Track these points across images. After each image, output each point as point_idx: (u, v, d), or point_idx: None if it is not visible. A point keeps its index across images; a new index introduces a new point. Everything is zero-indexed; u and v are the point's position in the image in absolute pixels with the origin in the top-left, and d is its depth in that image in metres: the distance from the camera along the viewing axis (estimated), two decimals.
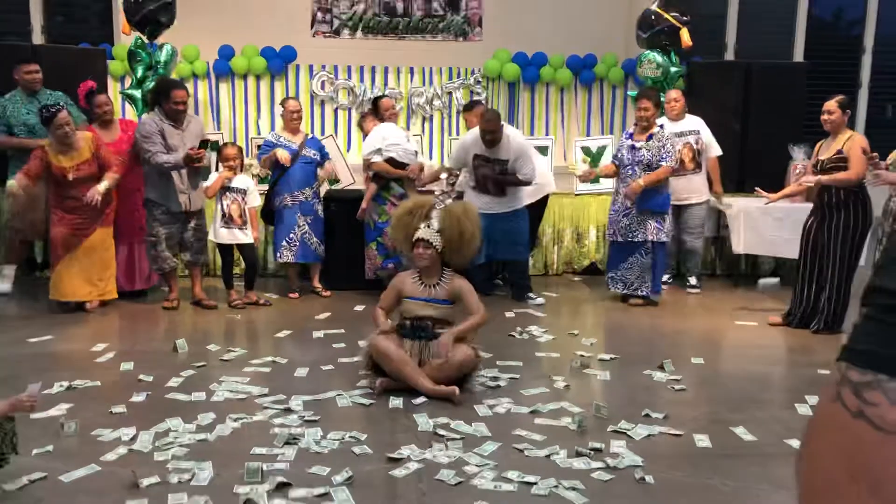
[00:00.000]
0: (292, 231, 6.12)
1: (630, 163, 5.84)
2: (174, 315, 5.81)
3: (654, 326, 5.52)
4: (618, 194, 5.97)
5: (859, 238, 5.25)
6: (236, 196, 5.78)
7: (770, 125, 7.00)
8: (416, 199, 4.43)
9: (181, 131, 5.75)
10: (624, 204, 5.86)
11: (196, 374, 4.29)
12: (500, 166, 5.93)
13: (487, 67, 8.32)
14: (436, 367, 3.98)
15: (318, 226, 6.22)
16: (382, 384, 3.96)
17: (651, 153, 5.80)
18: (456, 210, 4.18)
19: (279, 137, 6.16)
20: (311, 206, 6.14)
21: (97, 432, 3.49)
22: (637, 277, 5.91)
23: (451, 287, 4.16)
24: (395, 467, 3.16)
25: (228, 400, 3.89)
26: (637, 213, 5.83)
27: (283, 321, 5.46)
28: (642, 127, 5.89)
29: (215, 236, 5.86)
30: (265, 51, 8.22)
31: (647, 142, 5.82)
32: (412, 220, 4.20)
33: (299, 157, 6.07)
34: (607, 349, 4.81)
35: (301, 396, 3.91)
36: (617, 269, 5.97)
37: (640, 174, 5.82)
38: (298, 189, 6.07)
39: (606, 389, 4.15)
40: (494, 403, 3.85)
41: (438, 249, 4.11)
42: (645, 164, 5.81)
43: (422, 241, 4.11)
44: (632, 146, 5.86)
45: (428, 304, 4.14)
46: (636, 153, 5.82)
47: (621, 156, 5.91)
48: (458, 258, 4.19)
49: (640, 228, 5.83)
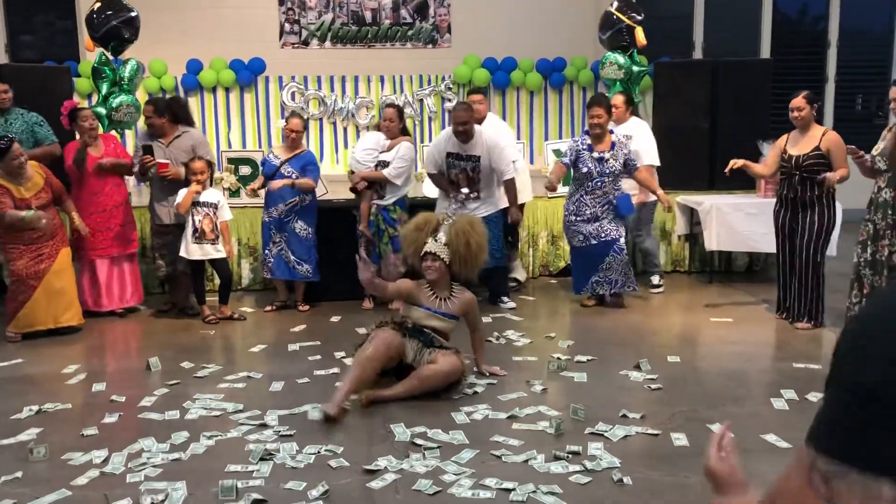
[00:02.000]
0: (267, 247, 6.07)
1: (599, 175, 5.74)
2: (148, 333, 5.73)
3: (630, 326, 5.50)
4: (581, 204, 5.81)
5: (828, 233, 5.29)
6: (207, 211, 5.68)
7: (738, 122, 7.04)
8: (423, 216, 4.48)
9: (164, 145, 5.92)
10: (595, 212, 5.76)
11: (169, 392, 4.23)
12: (474, 163, 5.84)
13: (458, 73, 8.33)
14: (424, 376, 3.98)
15: (297, 243, 6.01)
16: (368, 397, 3.93)
17: (619, 161, 5.74)
18: (462, 223, 4.29)
19: (271, 153, 6.13)
20: (285, 224, 5.98)
21: (67, 456, 3.43)
22: (621, 274, 5.85)
23: (461, 302, 4.25)
24: (371, 479, 3.13)
25: (203, 417, 3.83)
26: (605, 217, 5.75)
27: (259, 335, 5.41)
28: (597, 135, 5.78)
29: (186, 252, 5.72)
30: (234, 63, 8.18)
31: (612, 151, 5.75)
32: (420, 236, 4.30)
33: (276, 174, 5.97)
34: (584, 351, 4.79)
35: (276, 411, 3.86)
36: (597, 272, 5.88)
37: (609, 184, 5.77)
38: (273, 205, 5.99)
39: (584, 391, 4.13)
40: (472, 410, 3.83)
41: (446, 262, 4.21)
42: (615, 173, 5.76)
43: (430, 254, 4.21)
44: (599, 158, 5.75)
45: (435, 316, 4.20)
46: (605, 165, 5.72)
47: (588, 170, 5.75)
48: (465, 270, 4.27)
49: (612, 227, 5.80)
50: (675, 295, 6.56)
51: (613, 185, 5.82)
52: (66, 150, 6.03)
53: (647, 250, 6.71)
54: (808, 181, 5.20)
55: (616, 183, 5.85)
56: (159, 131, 5.94)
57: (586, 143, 5.84)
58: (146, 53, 7.38)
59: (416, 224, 4.37)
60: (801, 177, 5.25)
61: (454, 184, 5.97)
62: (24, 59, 8.40)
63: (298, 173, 6.03)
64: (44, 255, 5.47)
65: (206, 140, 6.18)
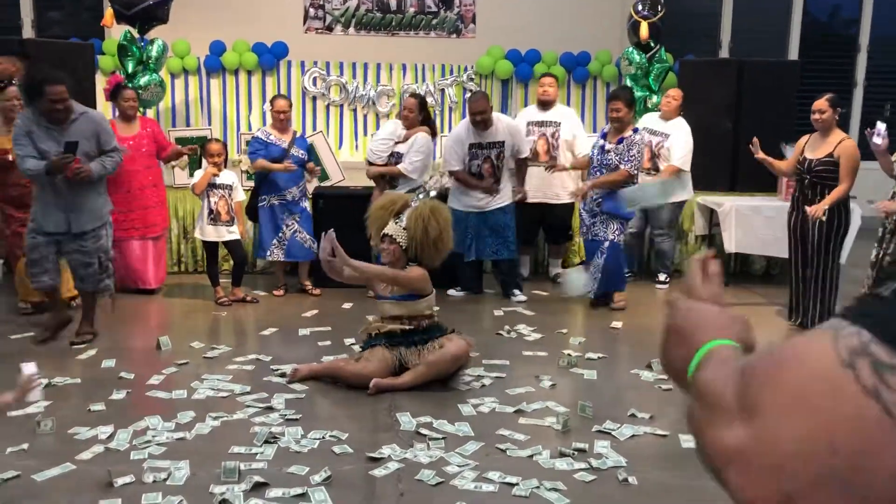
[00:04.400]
0: (281, 230, 6.01)
1: (598, 164, 5.68)
2: (161, 312, 5.76)
3: (643, 325, 5.40)
4: (586, 196, 5.74)
5: (842, 237, 5.21)
6: (223, 192, 5.70)
7: (762, 124, 6.89)
8: (390, 196, 4.40)
9: (57, 133, 4.59)
10: (591, 205, 5.69)
11: (178, 371, 4.24)
12: (498, 149, 5.82)
13: (480, 64, 8.27)
14: (430, 361, 3.96)
15: (307, 222, 6.11)
16: (377, 385, 3.91)
17: (618, 157, 5.60)
18: (423, 209, 4.13)
19: (269, 135, 6.02)
20: (298, 205, 6.04)
21: (74, 430, 3.45)
22: (612, 273, 5.68)
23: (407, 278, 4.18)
24: (374, 467, 3.13)
25: (210, 398, 3.84)
26: (602, 215, 5.65)
27: (270, 319, 5.40)
28: (615, 128, 5.69)
29: (202, 233, 5.78)
30: (256, 46, 8.16)
31: (618, 145, 5.62)
32: (384, 215, 4.21)
33: (288, 155, 5.95)
34: (595, 348, 4.74)
35: (283, 395, 3.87)
36: (593, 271, 5.77)
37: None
38: (285, 188, 5.95)
39: (593, 389, 4.10)
40: (479, 403, 3.81)
41: (402, 246, 4.10)
42: (612, 167, 5.62)
43: (387, 236, 4.12)
44: (602, 147, 5.69)
45: (396, 303, 4.13)
46: (605, 155, 5.65)
47: (591, 156, 5.76)
48: (423, 257, 4.15)
49: (602, 227, 5.66)
50: None
51: None
52: None
53: (663, 252, 6.63)
54: (818, 185, 5.10)
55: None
56: (59, 116, 4.56)
57: (604, 133, 5.82)
58: (169, 34, 7.38)
59: (382, 203, 4.28)
60: (810, 181, 5.17)
61: (477, 177, 5.93)
62: (50, 35, 8.44)
63: (305, 155, 6.11)
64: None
65: (106, 120, 5.05)
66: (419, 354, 4.02)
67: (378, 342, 4.10)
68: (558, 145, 6.35)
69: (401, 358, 4.05)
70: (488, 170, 5.86)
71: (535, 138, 6.30)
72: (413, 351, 4.04)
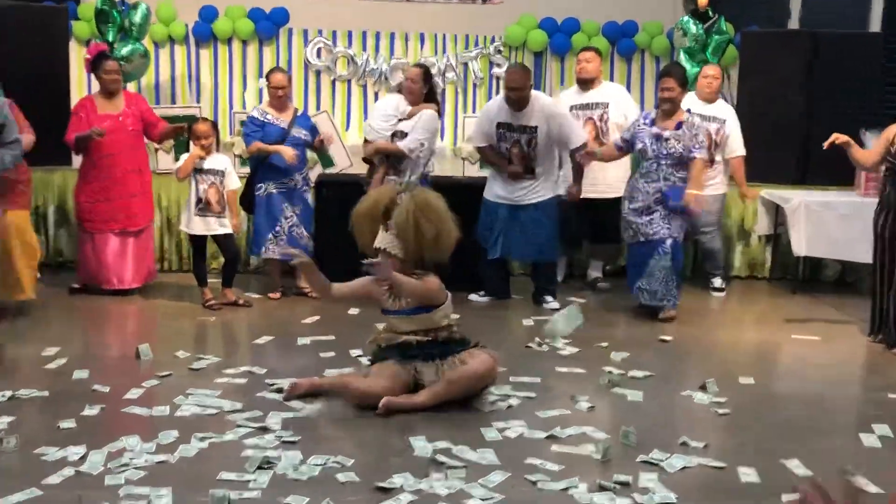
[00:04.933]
0: (278, 223, 5.99)
1: (655, 155, 5.57)
2: (141, 316, 5.75)
3: (697, 339, 5.37)
4: (635, 189, 5.67)
5: None
6: (214, 179, 5.67)
7: (839, 106, 6.81)
8: (372, 197, 4.24)
9: None
10: (647, 202, 5.61)
11: (160, 384, 4.23)
12: (529, 135, 5.76)
13: (510, 35, 8.16)
14: (450, 379, 3.95)
15: (307, 216, 6.12)
16: (388, 404, 3.87)
17: (682, 144, 5.53)
18: (409, 207, 4.01)
19: (265, 114, 6.02)
20: (300, 194, 6.05)
21: (41, 450, 3.40)
22: (662, 284, 5.64)
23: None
24: (384, 498, 3.06)
25: (196, 416, 3.82)
26: (658, 209, 5.58)
27: (265, 325, 5.38)
28: (665, 111, 5.61)
29: (188, 225, 5.75)
30: (253, 12, 8.09)
31: (677, 131, 5.55)
32: (370, 224, 4.12)
33: (288, 137, 5.94)
34: (641, 365, 4.69)
35: (280, 413, 3.84)
36: (641, 277, 5.71)
37: (668, 170, 5.57)
38: (286, 175, 5.94)
39: (638, 412, 4.05)
40: (505, 426, 3.77)
41: (400, 257, 4.04)
42: (676, 157, 5.55)
43: (380, 251, 4.05)
44: (657, 135, 5.57)
45: (406, 318, 4.10)
46: (663, 144, 5.55)
47: (643, 146, 5.61)
48: (432, 259, 4.10)
49: (662, 224, 5.59)
50: (751, 305, 6.45)
51: (674, 172, 5.61)
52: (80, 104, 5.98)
53: (712, 252, 6.56)
54: None
55: (678, 170, 5.63)
56: None
57: (650, 118, 5.72)
58: None
59: (365, 209, 4.16)
60: None
61: (506, 159, 5.89)
62: None
63: (308, 134, 6.07)
64: None
65: (7, 105, 5.06)
66: (437, 370, 4.01)
67: (390, 355, 4.09)
68: (608, 129, 6.29)
69: (416, 374, 4.03)
70: (518, 155, 5.82)
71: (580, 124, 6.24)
72: (430, 366, 4.02)
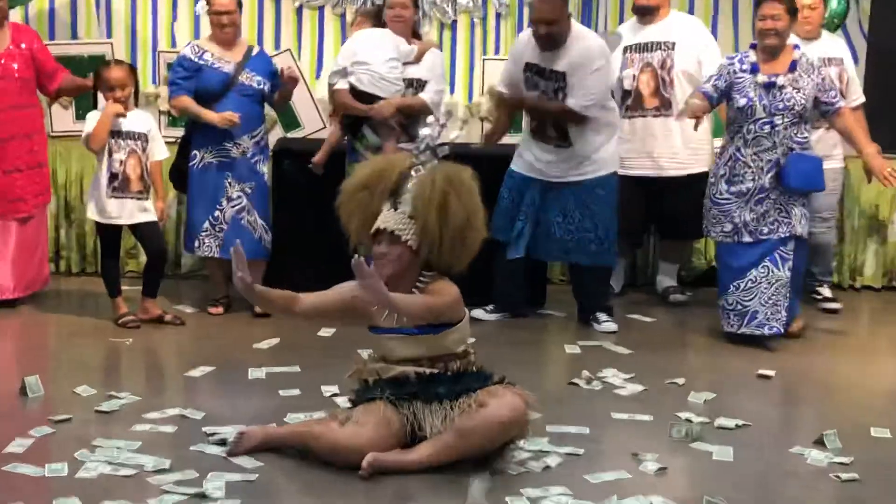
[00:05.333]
0: (217, 206, 5.88)
1: (769, 112, 5.45)
2: (27, 337, 5.65)
3: (808, 374, 5.24)
4: (737, 163, 5.58)
5: None
6: (134, 146, 5.57)
7: None
8: (377, 164, 4.17)
9: None
10: (759, 181, 5.52)
11: (55, 433, 4.12)
12: (557, 83, 5.66)
13: None
14: (463, 428, 3.86)
15: (261, 198, 5.98)
16: (376, 463, 3.80)
17: (803, 93, 5.41)
18: (435, 179, 3.97)
19: (202, 53, 5.88)
20: (250, 167, 5.91)
21: None
22: (767, 303, 5.56)
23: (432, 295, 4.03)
24: None
25: (105, 477, 3.72)
26: (777, 193, 5.51)
27: (203, 351, 5.32)
28: (769, 48, 5.47)
29: (98, 212, 5.60)
30: None
31: (791, 73, 5.45)
32: (371, 199, 4.02)
33: (233, 85, 5.85)
34: (731, 410, 4.61)
35: (223, 475, 3.74)
36: (728, 292, 5.64)
37: (786, 132, 5.46)
38: (229, 138, 5.82)
39: (727, 477, 3.95)
40: (541, 495, 3.68)
41: (413, 246, 3.96)
42: (797, 112, 5.42)
43: (384, 233, 3.96)
44: (768, 84, 5.47)
45: (408, 340, 4.00)
46: (779, 94, 5.44)
47: (749, 102, 5.50)
48: (451, 260, 4.01)
49: (780, 217, 5.55)
50: (886, 327, 6.44)
51: (793, 135, 5.50)
52: None
53: (822, 247, 6.42)
54: None
55: (798, 131, 5.53)
56: None
57: (749, 62, 5.57)
58: None
59: (364, 178, 4.06)
60: None
61: (538, 130, 5.81)
62: None
63: (268, 82, 5.91)
64: None
65: None
66: (444, 416, 3.90)
67: (378, 394, 3.97)
68: (671, 80, 6.23)
69: (414, 420, 3.92)
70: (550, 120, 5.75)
71: (634, 72, 6.21)
72: (436, 410, 3.91)
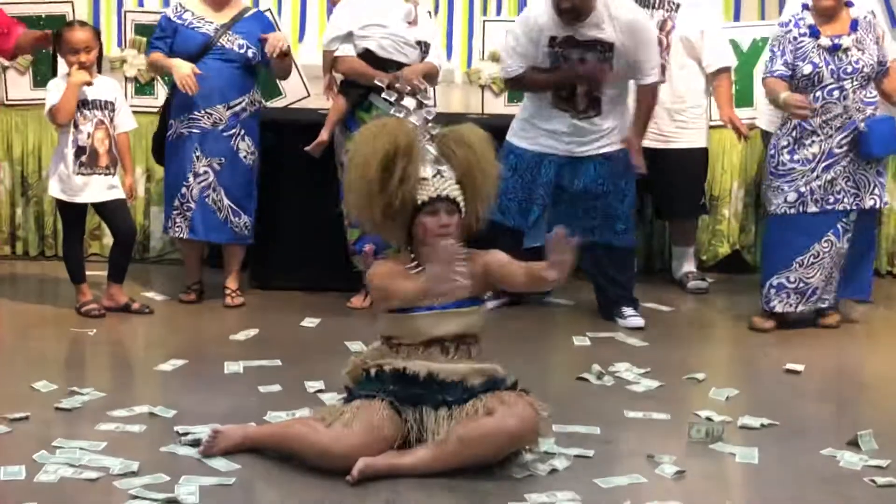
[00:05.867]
0: (184, 182, 5.73)
1: (835, 77, 5.37)
2: None
3: (841, 368, 5.18)
4: (804, 133, 5.48)
5: None
6: (101, 116, 5.47)
7: None
8: (387, 130, 4.03)
9: None
10: (828, 145, 5.43)
11: (10, 433, 4.07)
12: (600, 52, 5.54)
13: None
14: (469, 438, 3.82)
15: (236, 176, 5.81)
16: (367, 469, 3.74)
17: (868, 53, 5.36)
18: (472, 140, 4.01)
19: (182, 12, 5.69)
20: (220, 140, 5.73)
21: None
22: (828, 278, 5.54)
23: (476, 271, 3.95)
24: None
25: (67, 481, 3.68)
26: (847, 161, 5.43)
27: (174, 343, 5.29)
28: (827, 10, 5.36)
29: (62, 189, 5.49)
30: None
31: (854, 33, 5.35)
32: (403, 168, 3.89)
33: (211, 47, 5.67)
34: (756, 409, 4.58)
35: (196, 479, 3.69)
36: (790, 269, 5.55)
37: (856, 91, 5.40)
38: (205, 105, 5.64)
39: (752, 481, 3.97)
40: (548, 501, 3.66)
41: (464, 213, 3.95)
42: (866, 74, 5.36)
43: (443, 201, 3.91)
44: (833, 47, 5.38)
45: (447, 315, 3.94)
46: (845, 58, 5.37)
47: (815, 69, 5.41)
48: (471, 224, 4.06)
49: (847, 186, 5.48)
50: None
51: (862, 99, 5.43)
52: None
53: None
54: None
55: (867, 93, 5.43)
56: None
57: (806, 24, 5.47)
58: None
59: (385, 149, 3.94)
60: None
61: (567, 100, 5.60)
62: None
63: (254, 46, 5.71)
64: None
65: None
66: (448, 419, 3.85)
67: (378, 390, 3.91)
68: (669, 44, 6.23)
69: (415, 421, 3.89)
70: (583, 88, 5.58)
71: None
72: (441, 417, 3.87)
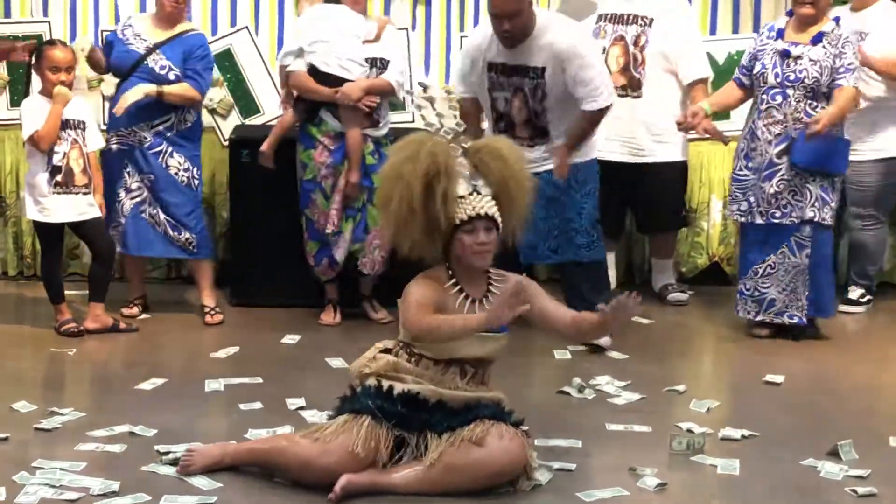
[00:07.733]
0: (115, 198, 5.83)
1: (779, 82, 5.38)
2: None
3: (821, 379, 5.16)
4: (753, 136, 5.49)
5: None
6: (76, 135, 5.47)
7: None
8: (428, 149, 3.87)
9: None
10: (766, 156, 5.41)
11: None
12: (533, 80, 5.46)
13: None
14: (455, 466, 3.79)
15: (171, 193, 5.88)
16: (346, 488, 3.71)
17: (819, 66, 5.31)
18: (487, 147, 3.95)
19: (126, 28, 5.80)
20: (146, 158, 5.82)
21: None
22: (785, 290, 5.49)
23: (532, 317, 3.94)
24: None
25: (47, 502, 3.66)
26: (791, 173, 5.38)
27: (153, 361, 5.24)
28: (803, 19, 5.36)
29: (39, 209, 5.50)
30: None
31: (813, 46, 5.35)
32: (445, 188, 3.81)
33: (139, 66, 5.72)
34: (737, 420, 4.59)
35: (178, 498, 3.68)
36: (747, 276, 5.59)
37: (799, 101, 5.37)
38: (129, 124, 5.75)
39: (733, 493, 3.93)
40: None
41: (500, 229, 3.91)
42: (808, 84, 5.32)
43: (482, 219, 3.83)
44: (784, 52, 5.38)
45: (481, 339, 3.87)
46: (792, 65, 5.36)
47: (762, 69, 5.42)
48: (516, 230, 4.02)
49: (794, 200, 5.43)
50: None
51: (808, 110, 5.40)
52: None
53: (864, 247, 6.31)
54: None
55: (814, 106, 5.40)
56: None
57: (777, 27, 5.54)
58: None
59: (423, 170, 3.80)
60: None
61: (503, 119, 5.55)
62: None
63: (177, 69, 5.71)
64: None
65: None
66: (437, 442, 3.81)
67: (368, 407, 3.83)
68: (643, 60, 6.13)
69: (416, 447, 3.84)
70: (520, 111, 5.53)
71: (605, 44, 6.06)
72: (432, 440, 3.82)
